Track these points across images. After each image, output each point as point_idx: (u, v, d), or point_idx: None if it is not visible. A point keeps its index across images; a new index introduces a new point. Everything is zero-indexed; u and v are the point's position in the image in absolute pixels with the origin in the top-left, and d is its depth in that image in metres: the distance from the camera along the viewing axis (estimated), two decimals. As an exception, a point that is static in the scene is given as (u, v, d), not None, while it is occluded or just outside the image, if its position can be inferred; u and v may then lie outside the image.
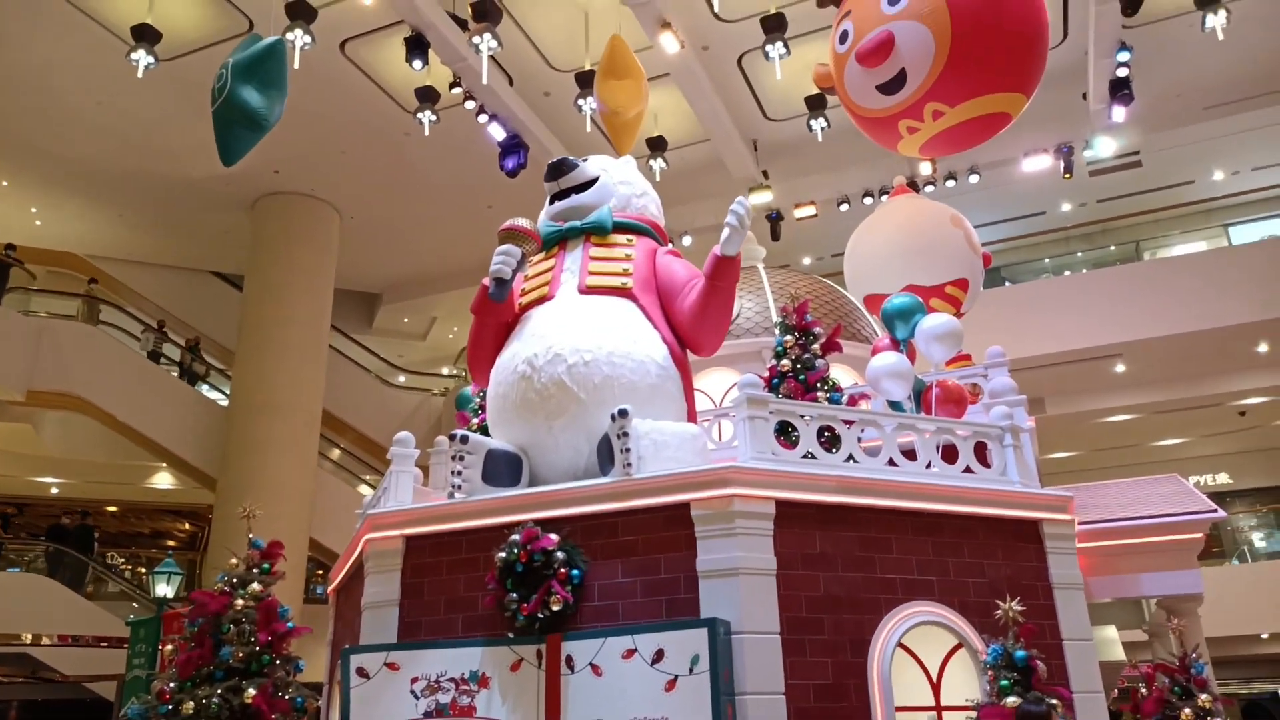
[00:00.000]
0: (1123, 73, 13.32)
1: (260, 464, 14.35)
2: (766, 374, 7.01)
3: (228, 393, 16.60)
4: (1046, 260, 18.95)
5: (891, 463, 5.75)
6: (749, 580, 4.95)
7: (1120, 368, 16.49)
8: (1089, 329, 15.74)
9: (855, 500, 5.38)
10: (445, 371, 22.85)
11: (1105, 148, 15.75)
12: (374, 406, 19.67)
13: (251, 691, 5.28)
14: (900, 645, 5.19)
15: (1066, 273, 18.40)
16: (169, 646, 7.02)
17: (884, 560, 5.34)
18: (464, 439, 5.78)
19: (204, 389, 17.82)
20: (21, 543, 18.67)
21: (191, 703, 5.17)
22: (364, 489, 17.68)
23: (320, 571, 17.01)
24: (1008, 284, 17.90)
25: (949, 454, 5.90)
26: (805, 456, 5.59)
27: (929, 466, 5.78)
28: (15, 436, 17.44)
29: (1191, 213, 18.60)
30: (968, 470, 5.85)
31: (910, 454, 5.85)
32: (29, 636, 15.15)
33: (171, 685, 5.33)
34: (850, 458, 5.63)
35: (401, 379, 21.73)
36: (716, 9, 12.37)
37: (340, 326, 18.90)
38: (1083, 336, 15.75)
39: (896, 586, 5.31)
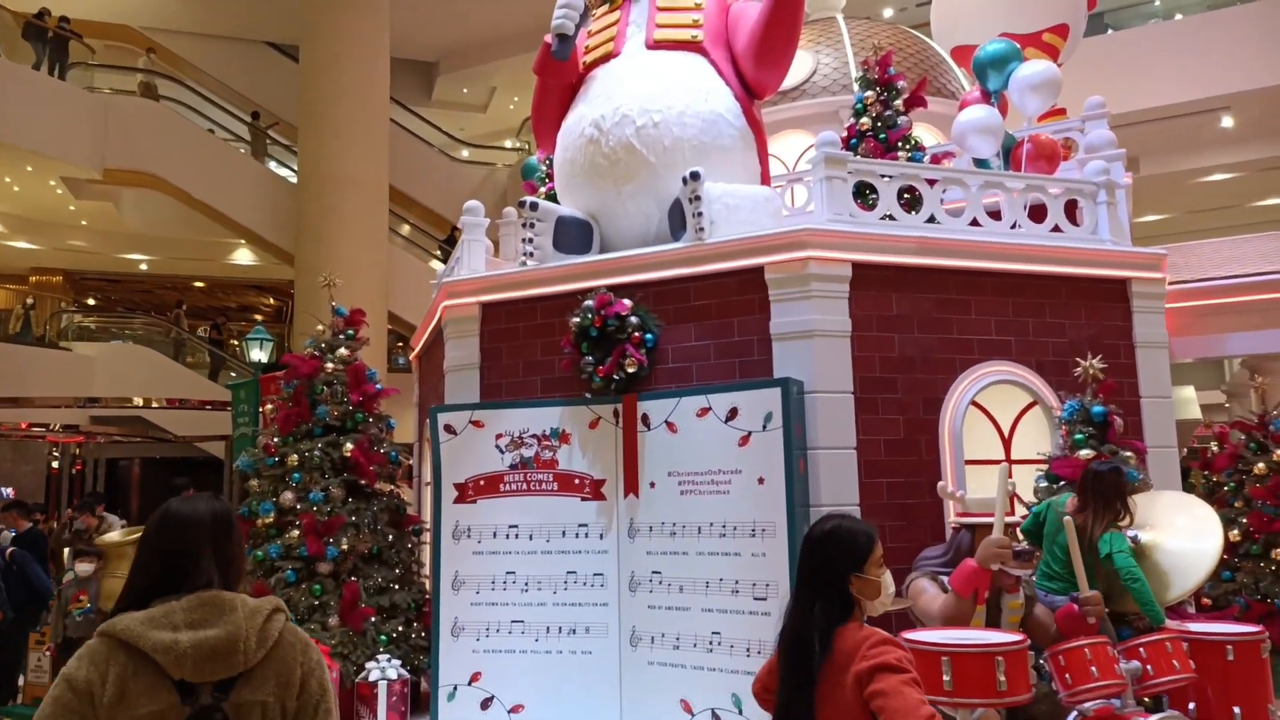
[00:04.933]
0: None
1: (334, 238, 14.55)
2: (845, 134, 6.67)
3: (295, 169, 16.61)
4: (1157, 3, 17.13)
5: (975, 223, 5.52)
6: (823, 342, 4.96)
7: (1227, 122, 15.25)
8: (1198, 79, 14.40)
9: (935, 261, 5.23)
10: (508, 145, 22.37)
11: None
12: (439, 181, 19.52)
13: (349, 445, 5.66)
14: (973, 403, 5.23)
15: (1178, 16, 16.66)
16: (269, 406, 7.51)
17: (962, 321, 5.27)
18: (533, 206, 5.72)
19: (272, 165, 17.85)
20: (120, 316, 19.76)
21: (295, 455, 5.58)
22: (435, 264, 17.97)
23: (400, 344, 17.70)
24: (1110, 31, 16.34)
25: (1037, 214, 5.64)
26: (884, 218, 5.40)
27: (1015, 226, 5.55)
28: (99, 215, 17.93)
29: (1335, -60, 16.37)
30: (1056, 229, 5.60)
31: (996, 215, 5.60)
32: (140, 400, 16.37)
33: (275, 440, 5.74)
34: (931, 218, 5.43)
35: (465, 153, 21.40)
36: None
37: (399, 99, 18.43)
38: (1190, 88, 14.46)
39: (973, 347, 5.27)
